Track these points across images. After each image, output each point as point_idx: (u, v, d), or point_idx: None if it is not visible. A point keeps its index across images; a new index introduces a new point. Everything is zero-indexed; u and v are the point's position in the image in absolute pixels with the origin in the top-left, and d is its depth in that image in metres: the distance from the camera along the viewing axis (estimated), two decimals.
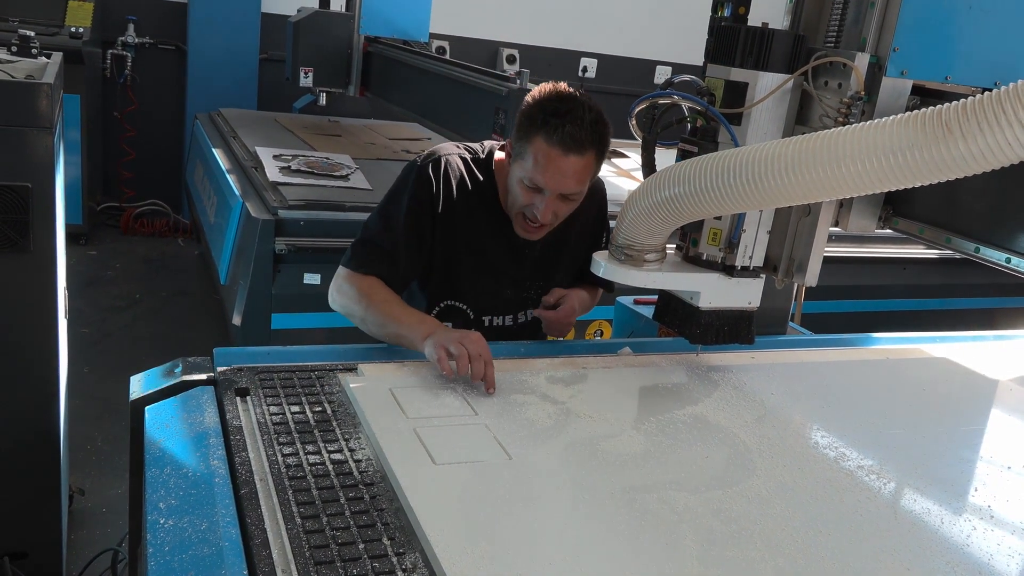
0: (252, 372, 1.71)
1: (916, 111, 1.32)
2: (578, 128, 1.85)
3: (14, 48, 2.87)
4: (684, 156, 1.80)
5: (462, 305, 2.13)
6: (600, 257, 1.83)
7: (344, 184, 3.95)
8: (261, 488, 1.34)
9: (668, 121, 1.84)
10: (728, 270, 1.84)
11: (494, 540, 1.24)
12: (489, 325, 2.17)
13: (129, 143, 6.40)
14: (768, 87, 1.73)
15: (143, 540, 1.33)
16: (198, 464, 1.40)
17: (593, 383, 1.87)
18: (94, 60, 5.98)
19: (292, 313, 3.41)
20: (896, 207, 1.92)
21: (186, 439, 1.48)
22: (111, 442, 3.53)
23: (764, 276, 1.90)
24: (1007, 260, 1.71)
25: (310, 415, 1.58)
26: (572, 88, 1.94)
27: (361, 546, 1.22)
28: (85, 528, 3.03)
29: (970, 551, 1.37)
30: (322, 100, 5.69)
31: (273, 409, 1.58)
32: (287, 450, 1.44)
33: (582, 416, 1.68)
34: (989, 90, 1.26)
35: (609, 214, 2.19)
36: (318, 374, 1.74)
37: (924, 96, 1.79)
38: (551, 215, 1.95)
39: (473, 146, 2.13)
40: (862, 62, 1.70)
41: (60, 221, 2.47)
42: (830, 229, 1.88)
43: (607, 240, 2.04)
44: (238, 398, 1.61)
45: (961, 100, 1.28)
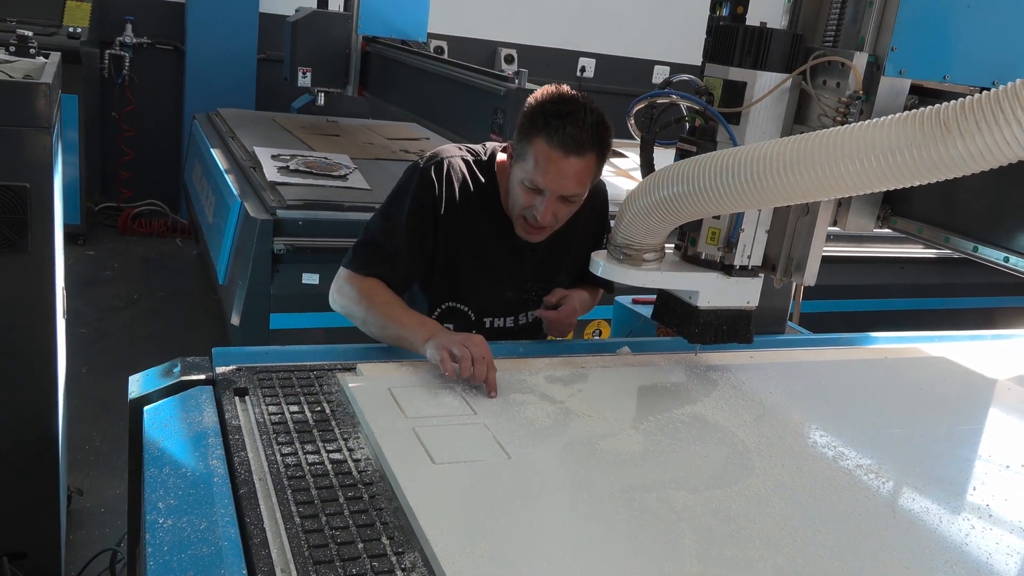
0: (251, 372, 1.71)
1: (914, 110, 1.33)
2: (579, 130, 1.85)
3: (12, 48, 2.86)
4: (683, 155, 1.80)
5: (463, 307, 2.13)
6: (599, 257, 1.83)
7: (342, 184, 3.95)
8: (260, 488, 1.34)
9: (667, 121, 1.84)
10: (727, 269, 1.84)
11: (493, 539, 1.24)
12: (490, 327, 2.17)
13: (127, 143, 6.40)
14: (766, 86, 1.73)
15: (142, 540, 1.33)
16: (197, 464, 1.40)
17: (592, 382, 1.87)
18: (92, 60, 5.98)
19: (291, 313, 3.41)
20: (894, 206, 1.92)
21: (185, 439, 1.48)
22: (109, 442, 3.53)
23: (763, 275, 1.90)
24: (1005, 259, 1.71)
25: (309, 415, 1.58)
26: (574, 91, 1.94)
27: (360, 545, 1.22)
28: (84, 528, 3.03)
29: (968, 550, 1.38)
30: (320, 100, 5.69)
31: (272, 409, 1.58)
32: (286, 450, 1.44)
33: (581, 415, 1.68)
34: (987, 89, 1.26)
35: (610, 214, 2.19)
36: (317, 374, 1.74)
37: (922, 95, 1.79)
38: (551, 217, 1.95)
39: (475, 147, 2.13)
40: (860, 61, 1.70)
41: (58, 221, 2.46)
42: (828, 228, 1.88)
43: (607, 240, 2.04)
44: (237, 398, 1.61)
45: (959, 99, 1.28)
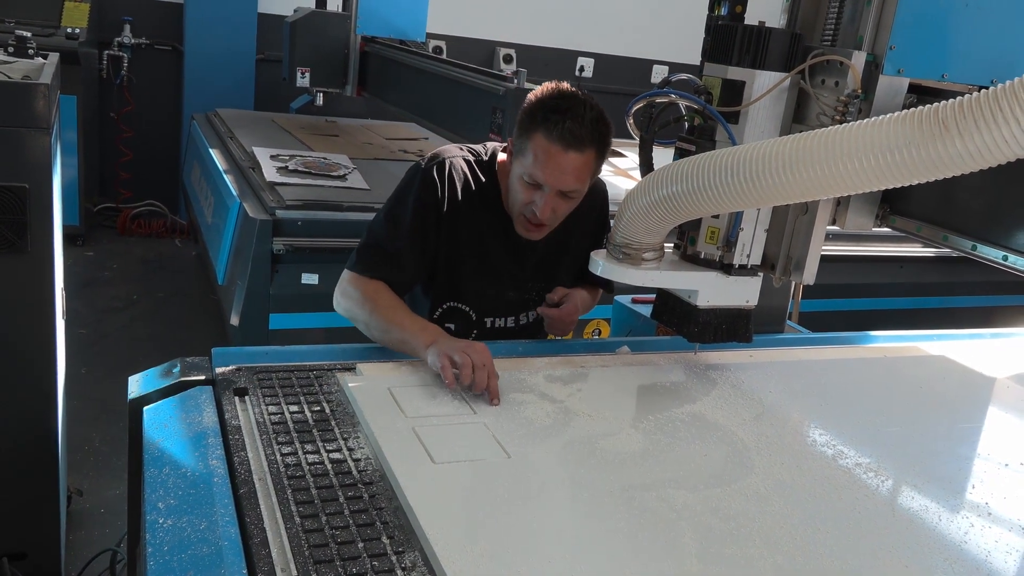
0: (250, 372, 1.71)
1: (913, 109, 1.33)
2: (578, 125, 1.85)
3: (11, 49, 2.86)
4: (682, 155, 1.80)
5: (464, 307, 2.13)
6: (598, 256, 1.83)
7: (341, 184, 3.95)
8: (260, 488, 1.34)
9: (666, 120, 1.84)
10: (726, 268, 1.85)
11: (493, 538, 1.24)
12: (491, 327, 2.17)
13: (126, 144, 6.40)
14: (765, 85, 1.73)
15: (142, 540, 1.33)
16: (197, 464, 1.40)
17: (592, 382, 1.87)
18: (90, 61, 5.97)
19: (290, 313, 3.40)
20: (893, 205, 1.92)
21: (185, 439, 1.48)
22: (109, 443, 3.53)
23: (762, 274, 1.90)
24: (1004, 257, 1.72)
25: (309, 415, 1.58)
26: (574, 88, 1.94)
27: (360, 545, 1.22)
28: (83, 529, 3.03)
29: (968, 548, 1.38)
30: (319, 100, 5.68)
31: (272, 409, 1.58)
32: (286, 449, 1.44)
33: (581, 415, 1.68)
34: (986, 88, 1.26)
35: (610, 214, 2.19)
36: (316, 374, 1.74)
37: (921, 94, 1.79)
38: (550, 213, 1.95)
39: (476, 148, 2.13)
40: (859, 60, 1.70)
41: (57, 222, 2.46)
42: (827, 227, 1.88)
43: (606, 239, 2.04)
44: (236, 398, 1.61)
45: (958, 98, 1.28)
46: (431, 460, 1.44)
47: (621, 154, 4.90)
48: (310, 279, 3.40)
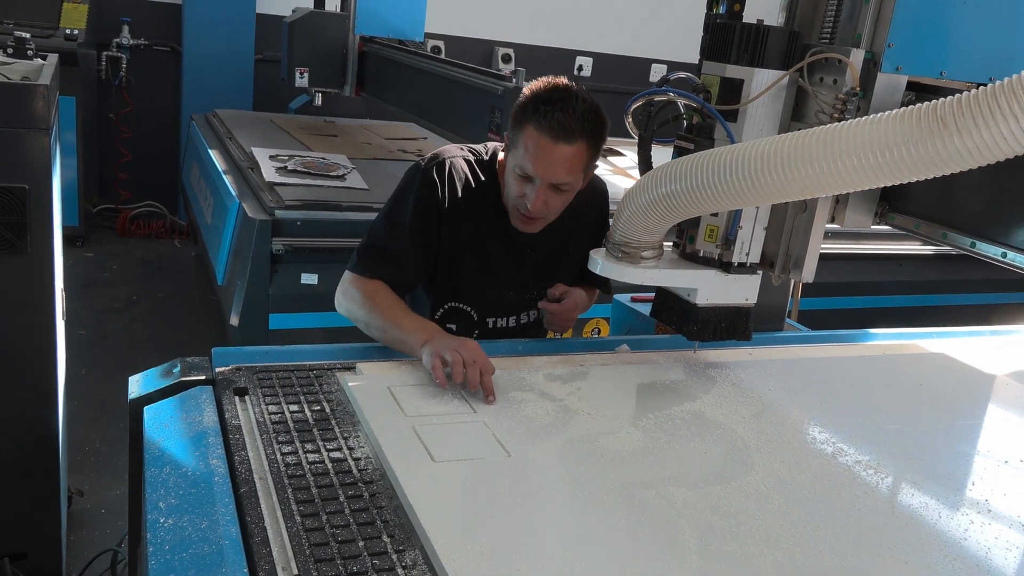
0: (250, 372, 1.71)
1: (911, 106, 1.33)
2: (568, 116, 1.85)
3: (10, 50, 2.86)
4: (680, 153, 1.80)
5: (465, 307, 2.13)
6: (597, 255, 1.83)
7: (341, 184, 3.95)
8: (260, 487, 1.34)
9: (664, 118, 1.84)
10: (725, 267, 1.85)
11: (493, 536, 1.24)
12: (493, 327, 2.17)
13: (125, 145, 6.39)
14: (763, 84, 1.73)
15: (143, 539, 1.33)
16: (197, 463, 1.40)
17: (591, 380, 1.87)
18: (89, 62, 5.97)
19: (290, 313, 3.40)
20: (892, 203, 1.93)
21: (185, 439, 1.48)
22: (109, 443, 3.53)
23: (761, 272, 1.90)
24: (1003, 254, 1.72)
25: (309, 414, 1.58)
26: (569, 81, 1.94)
27: (361, 544, 1.22)
28: (84, 529, 3.03)
29: (968, 545, 1.38)
30: (318, 100, 5.69)
31: (272, 408, 1.58)
32: (286, 449, 1.45)
33: (580, 413, 1.69)
34: (984, 85, 1.26)
35: (610, 213, 2.19)
36: (316, 373, 1.74)
37: (919, 92, 1.80)
38: (542, 205, 1.94)
39: (476, 147, 2.13)
40: (857, 58, 1.70)
41: (57, 223, 2.46)
42: (826, 225, 1.89)
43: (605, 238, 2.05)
44: (237, 398, 1.61)
45: (956, 95, 1.28)
46: (431, 459, 1.44)
47: (620, 153, 4.91)
48: (309, 279, 3.40)
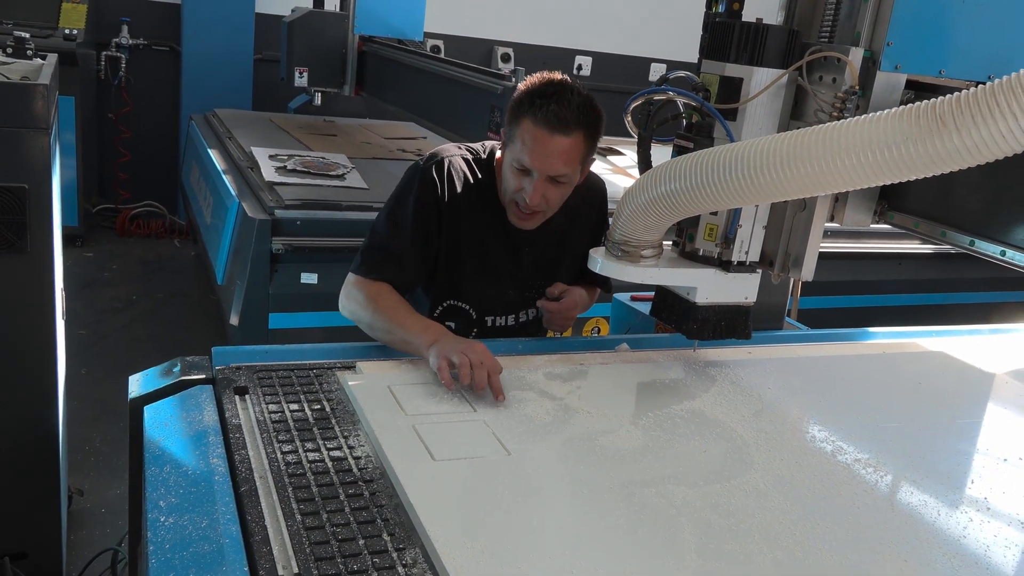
0: (250, 371, 1.71)
1: (910, 105, 1.33)
2: (564, 108, 1.86)
3: (9, 50, 2.86)
4: (680, 152, 1.80)
5: (464, 305, 2.13)
6: (597, 254, 1.83)
7: (340, 184, 3.95)
8: (261, 486, 1.34)
9: (664, 117, 1.84)
10: (724, 265, 1.85)
11: (493, 535, 1.25)
12: (492, 325, 2.17)
13: (124, 144, 6.39)
14: (763, 82, 1.73)
15: (143, 539, 1.33)
16: (198, 462, 1.40)
17: (591, 379, 1.87)
18: (88, 62, 5.97)
19: (289, 313, 3.41)
20: (891, 201, 1.93)
21: (185, 438, 1.48)
22: (109, 443, 3.53)
23: (760, 271, 1.90)
24: (1002, 253, 1.72)
25: (309, 413, 1.58)
26: (564, 75, 1.95)
27: (361, 542, 1.22)
28: (84, 528, 3.03)
29: (967, 543, 1.38)
30: (317, 100, 5.69)
31: (272, 407, 1.58)
32: (286, 448, 1.45)
33: (580, 412, 1.69)
34: (983, 83, 1.26)
35: (609, 212, 2.19)
36: (316, 372, 1.75)
37: (918, 90, 1.80)
38: (540, 199, 1.95)
39: (474, 146, 2.13)
40: (856, 56, 1.71)
41: (57, 222, 2.46)
42: (826, 224, 1.89)
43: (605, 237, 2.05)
44: (237, 397, 1.61)
45: (955, 94, 1.28)
46: (431, 457, 1.44)
47: (619, 152, 4.91)
48: (309, 278, 3.40)
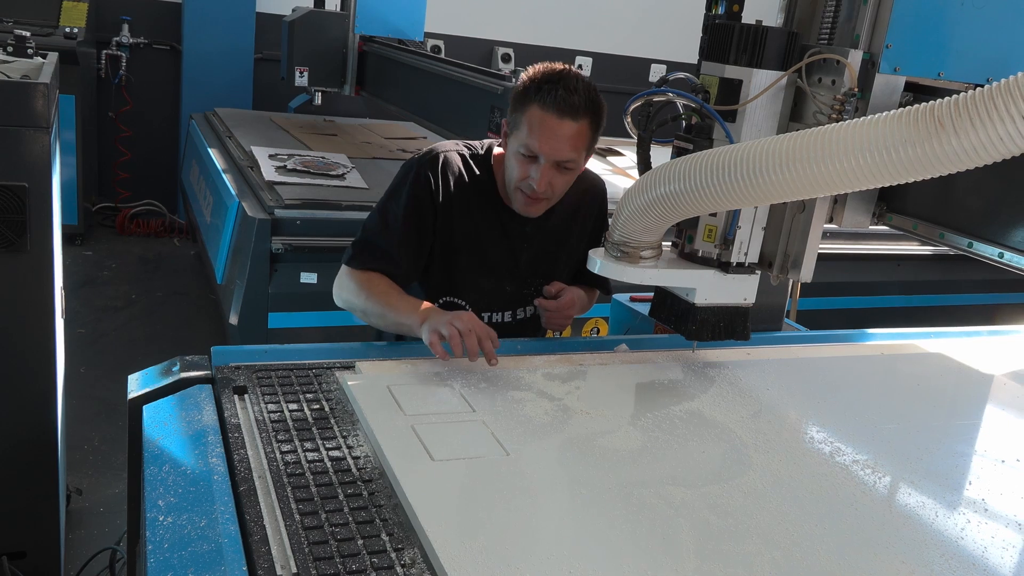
0: (250, 370, 1.71)
1: (909, 107, 1.33)
2: (571, 94, 1.88)
3: (10, 48, 2.87)
4: (679, 153, 1.80)
5: (461, 301, 2.13)
6: (596, 254, 1.84)
7: (340, 183, 3.95)
8: (260, 485, 1.34)
9: (663, 119, 1.84)
10: (724, 266, 1.85)
11: (492, 535, 1.25)
12: (488, 321, 2.17)
13: (124, 143, 6.39)
14: (762, 84, 1.74)
15: (142, 538, 1.33)
16: (196, 462, 1.40)
17: (590, 380, 1.88)
18: (89, 60, 5.97)
19: (289, 312, 3.41)
20: (890, 203, 1.93)
21: (184, 437, 1.48)
22: (108, 442, 3.53)
23: (759, 272, 1.91)
24: (1000, 255, 1.72)
25: (308, 413, 1.58)
26: (567, 65, 1.96)
27: (360, 542, 1.22)
28: (83, 527, 3.03)
29: (964, 544, 1.38)
30: (317, 99, 5.69)
31: (271, 407, 1.58)
32: (285, 447, 1.45)
33: (579, 412, 1.69)
34: (981, 86, 1.27)
35: (608, 212, 2.20)
36: (316, 372, 1.75)
37: (917, 92, 1.80)
38: (547, 185, 1.95)
39: (472, 143, 2.14)
40: (855, 59, 1.71)
41: (57, 221, 2.47)
42: (825, 225, 1.89)
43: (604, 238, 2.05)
44: (236, 396, 1.61)
45: (954, 96, 1.29)
46: (430, 458, 1.44)
47: (619, 153, 4.91)
48: (309, 278, 3.41)
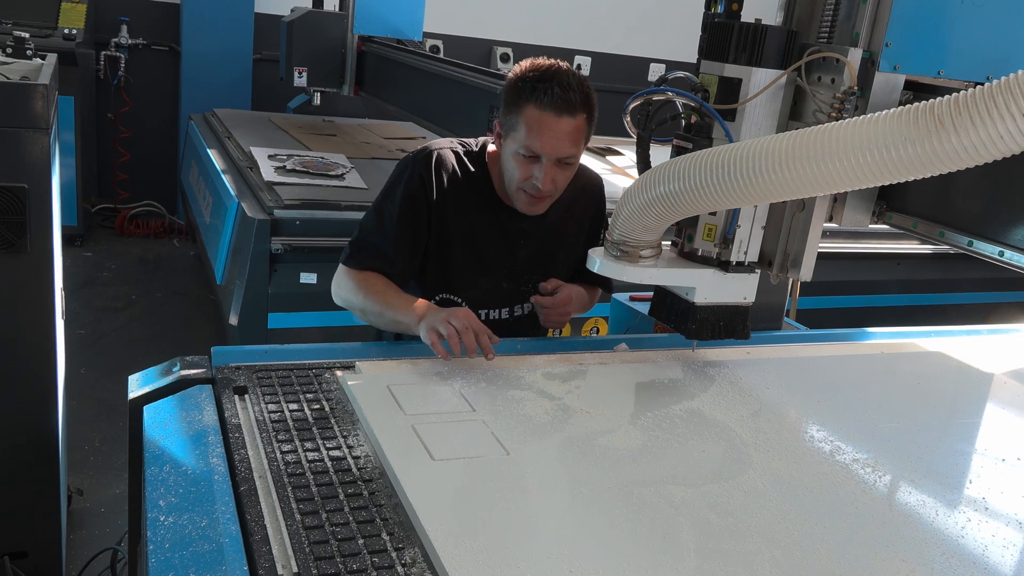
0: (250, 370, 1.71)
1: (909, 105, 1.33)
2: (567, 90, 1.88)
3: (9, 50, 2.87)
4: (679, 152, 1.80)
5: (457, 298, 2.13)
6: (596, 254, 1.84)
7: (339, 183, 3.95)
8: (260, 485, 1.34)
9: (662, 118, 1.84)
10: (723, 265, 1.85)
11: (492, 534, 1.25)
12: (486, 318, 2.17)
13: (123, 144, 6.39)
14: (761, 83, 1.74)
15: (143, 538, 1.33)
16: (197, 462, 1.40)
17: (590, 379, 1.88)
18: (87, 62, 5.97)
19: (289, 313, 3.41)
20: (889, 202, 1.93)
21: (185, 437, 1.48)
22: (108, 442, 3.53)
23: (759, 271, 1.91)
24: (1000, 253, 1.72)
25: (308, 413, 1.58)
26: (554, 60, 1.96)
27: (360, 541, 1.22)
28: (84, 528, 3.03)
29: (965, 543, 1.38)
30: (316, 100, 5.69)
31: (271, 407, 1.58)
32: (286, 447, 1.45)
33: (579, 412, 1.69)
34: (981, 84, 1.27)
35: (607, 211, 2.20)
36: (316, 372, 1.75)
37: (917, 91, 1.80)
38: (550, 183, 1.96)
39: (467, 141, 2.15)
40: (855, 57, 1.71)
41: (56, 222, 2.46)
42: (824, 224, 1.89)
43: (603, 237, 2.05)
44: (236, 396, 1.61)
45: (954, 94, 1.29)
46: (430, 457, 1.44)
47: (618, 152, 4.91)
48: (308, 278, 3.41)
